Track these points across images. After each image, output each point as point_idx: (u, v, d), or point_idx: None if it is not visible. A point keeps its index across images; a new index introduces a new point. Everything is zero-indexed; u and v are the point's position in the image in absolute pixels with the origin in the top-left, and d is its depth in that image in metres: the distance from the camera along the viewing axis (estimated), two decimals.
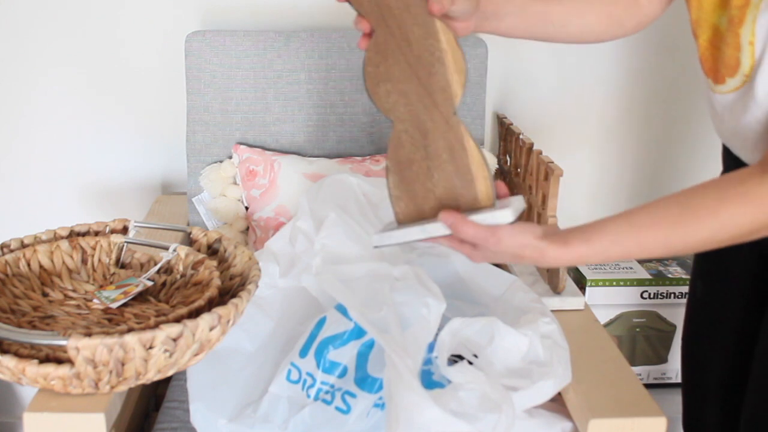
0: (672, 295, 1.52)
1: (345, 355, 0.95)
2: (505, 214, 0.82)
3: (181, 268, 1.03)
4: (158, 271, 1.04)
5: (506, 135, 1.46)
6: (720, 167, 1.03)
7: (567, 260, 0.81)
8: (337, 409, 0.93)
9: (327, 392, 0.94)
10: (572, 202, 1.64)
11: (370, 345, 0.95)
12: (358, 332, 0.95)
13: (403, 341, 0.87)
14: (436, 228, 0.84)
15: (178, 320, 0.84)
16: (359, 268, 0.98)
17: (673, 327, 1.56)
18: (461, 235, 0.82)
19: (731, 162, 0.96)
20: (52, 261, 1.03)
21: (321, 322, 0.99)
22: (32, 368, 0.80)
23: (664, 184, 1.67)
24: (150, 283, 1.01)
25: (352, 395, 0.93)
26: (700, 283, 1.10)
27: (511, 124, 1.44)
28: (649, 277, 1.51)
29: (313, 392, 0.95)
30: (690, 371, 1.14)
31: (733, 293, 1.04)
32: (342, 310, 0.98)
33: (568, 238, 0.80)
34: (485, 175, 0.87)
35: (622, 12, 1.01)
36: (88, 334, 0.80)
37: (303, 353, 0.97)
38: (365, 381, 0.94)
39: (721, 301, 1.06)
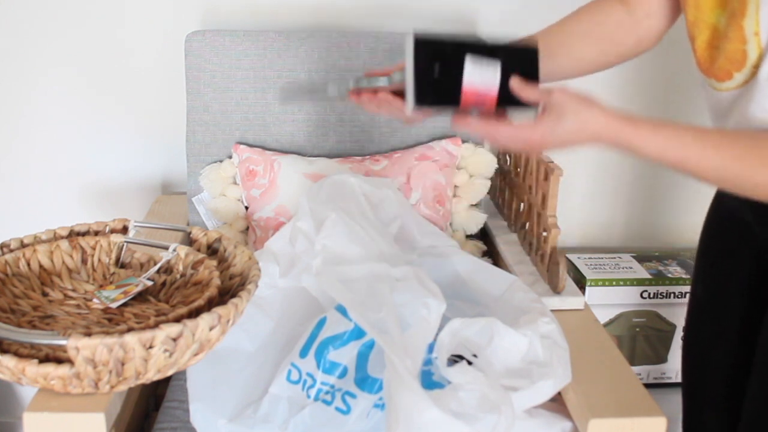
0: (672, 294, 1.52)
1: (345, 355, 0.95)
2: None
3: (181, 268, 1.03)
4: (158, 271, 1.04)
5: None
6: None
7: (627, 139, 0.81)
8: (337, 409, 0.93)
9: (327, 393, 0.94)
10: (571, 201, 1.64)
11: (371, 345, 0.95)
12: (358, 333, 0.95)
13: (402, 342, 0.87)
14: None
15: (178, 320, 0.84)
16: (359, 269, 0.98)
17: (673, 327, 1.56)
18: (527, 93, 0.83)
19: None
20: (52, 261, 1.03)
21: (321, 323, 0.99)
22: (32, 368, 0.80)
23: (663, 184, 1.67)
24: (150, 283, 1.01)
25: (352, 396, 0.93)
26: (700, 286, 1.10)
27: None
28: (649, 277, 1.51)
29: (313, 393, 0.95)
30: (691, 375, 1.14)
31: (733, 297, 1.03)
32: (342, 310, 0.98)
33: (637, 119, 0.81)
34: None
35: (614, 30, 1.00)
36: (88, 334, 0.80)
37: (303, 353, 0.97)
38: (365, 381, 0.94)
39: (722, 305, 1.05)
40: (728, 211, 1.02)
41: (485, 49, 0.86)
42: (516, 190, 1.37)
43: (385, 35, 1.39)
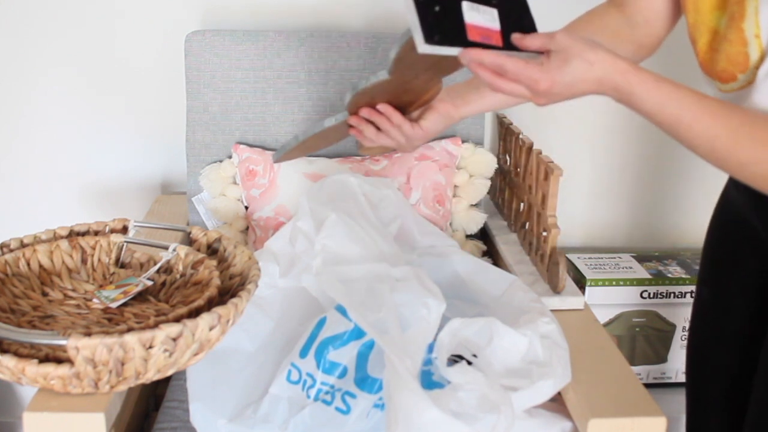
0: (672, 294, 1.52)
1: (345, 355, 0.95)
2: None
3: (180, 268, 1.03)
4: (158, 271, 1.04)
5: (506, 135, 1.46)
6: None
7: (629, 84, 0.79)
8: (337, 409, 0.93)
9: (327, 393, 0.94)
10: (571, 201, 1.64)
11: (370, 345, 0.95)
12: (358, 333, 0.95)
13: (402, 342, 0.87)
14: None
15: (177, 320, 0.84)
16: (359, 269, 0.98)
17: (673, 327, 1.56)
18: (530, 41, 0.81)
19: None
20: (52, 261, 1.03)
21: (321, 323, 0.99)
22: (32, 368, 0.80)
23: (663, 184, 1.67)
24: (150, 283, 1.01)
25: (352, 396, 0.93)
26: (705, 289, 1.10)
27: (511, 123, 1.44)
28: (649, 276, 1.51)
29: (313, 393, 0.95)
30: (695, 377, 1.14)
31: (738, 300, 1.03)
32: (342, 310, 0.98)
33: (642, 69, 0.80)
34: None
35: (612, 38, 0.98)
36: (88, 334, 0.80)
37: (303, 354, 0.97)
38: (365, 381, 0.94)
39: (727, 308, 1.05)
40: (734, 214, 1.01)
41: None
42: (516, 190, 1.37)
43: (385, 35, 1.39)
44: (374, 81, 0.91)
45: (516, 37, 0.84)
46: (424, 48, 0.80)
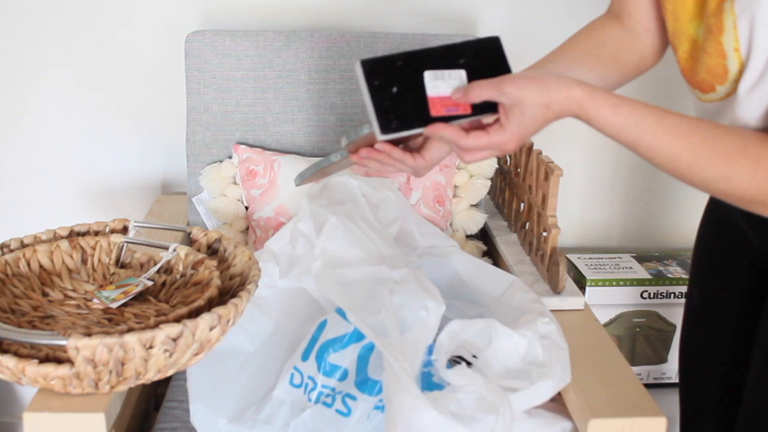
0: (672, 295, 1.52)
1: (345, 358, 0.95)
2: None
3: (181, 268, 1.03)
4: (158, 271, 1.04)
5: None
6: None
7: (586, 112, 0.78)
8: (338, 411, 0.93)
9: (328, 395, 0.94)
10: (572, 202, 1.64)
11: (371, 348, 0.95)
12: (358, 335, 0.95)
13: (401, 344, 0.87)
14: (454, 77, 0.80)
15: (178, 320, 0.84)
16: (358, 272, 0.98)
17: (673, 327, 1.56)
18: (478, 93, 0.79)
19: None
20: (52, 261, 1.03)
21: (322, 325, 0.99)
22: (32, 368, 0.80)
23: (661, 184, 1.67)
24: (150, 283, 1.01)
25: (353, 398, 0.93)
26: (696, 290, 1.10)
27: None
28: (649, 277, 1.51)
29: (314, 395, 0.95)
30: (687, 379, 1.14)
31: (729, 301, 1.03)
32: (342, 313, 0.98)
33: (598, 93, 0.79)
34: None
35: (615, 50, 0.97)
36: (88, 334, 0.80)
37: (305, 357, 0.97)
38: (366, 384, 0.94)
39: (718, 309, 1.05)
40: (723, 216, 1.01)
41: (442, 55, 0.81)
42: (516, 190, 1.37)
43: (385, 35, 1.39)
44: (361, 134, 0.85)
45: (458, 96, 0.81)
46: (382, 137, 0.78)
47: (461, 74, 0.81)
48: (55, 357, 0.83)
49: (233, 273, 1.00)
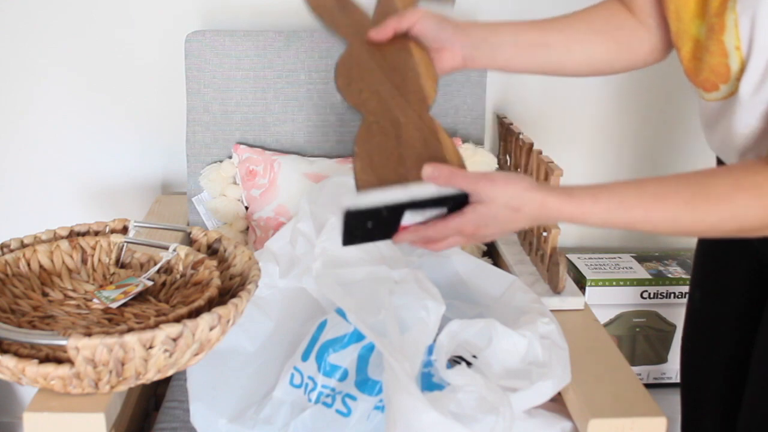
0: (672, 295, 1.52)
1: (345, 358, 0.95)
2: None
3: (181, 268, 1.03)
4: (158, 271, 1.04)
5: (506, 135, 1.46)
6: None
7: (569, 214, 0.77)
8: (338, 412, 0.93)
9: (328, 395, 0.94)
10: None
11: (371, 348, 0.95)
12: (358, 335, 0.95)
13: (401, 344, 0.87)
14: (421, 189, 0.80)
15: (178, 320, 0.84)
16: (358, 272, 0.98)
17: (673, 327, 1.56)
18: (453, 182, 0.79)
19: None
20: (52, 261, 1.03)
21: (322, 326, 0.99)
22: (32, 368, 0.80)
23: None
24: (150, 283, 1.01)
25: (353, 398, 0.93)
26: (698, 292, 1.10)
27: (511, 124, 1.44)
28: (649, 277, 1.51)
29: (314, 396, 0.95)
30: (689, 379, 1.14)
31: (730, 301, 1.03)
32: (342, 313, 0.98)
33: (573, 191, 0.77)
34: (460, 164, 0.86)
35: (629, 36, 0.96)
36: (88, 334, 0.80)
37: (305, 357, 0.97)
38: (366, 384, 0.94)
39: (719, 311, 1.05)
40: None
41: (429, 203, 0.81)
42: None
43: None
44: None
45: (429, 174, 0.81)
46: (343, 246, 0.80)
47: (443, 210, 0.82)
48: (55, 357, 0.83)
49: (233, 273, 1.00)
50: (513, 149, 1.40)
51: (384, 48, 0.92)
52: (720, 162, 0.97)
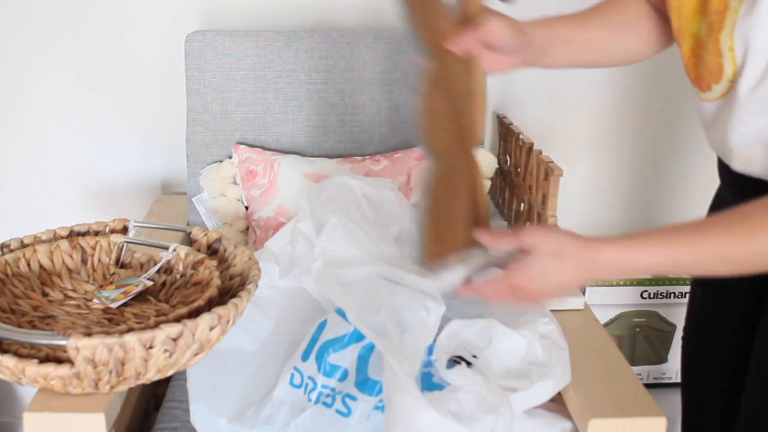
0: (672, 295, 1.53)
1: (345, 358, 0.95)
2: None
3: (181, 268, 1.03)
4: (158, 271, 1.04)
5: (506, 135, 1.46)
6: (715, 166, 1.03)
7: (614, 256, 0.78)
8: (338, 412, 0.93)
9: (328, 395, 0.94)
10: (572, 201, 1.64)
11: (371, 348, 0.95)
12: (358, 335, 0.95)
13: (401, 345, 0.87)
14: (476, 258, 0.86)
15: (178, 320, 0.84)
16: (358, 272, 0.98)
17: (673, 327, 1.56)
18: (500, 246, 0.83)
19: (725, 171, 0.95)
20: (52, 261, 1.03)
21: (322, 326, 0.98)
22: (32, 368, 0.80)
23: (660, 184, 1.67)
24: (150, 283, 1.01)
25: (353, 398, 0.93)
26: (699, 291, 1.10)
27: (511, 124, 1.44)
28: (649, 277, 1.51)
29: (314, 396, 0.95)
30: (689, 378, 1.14)
31: (730, 302, 1.03)
32: (342, 313, 0.98)
33: (613, 237, 0.79)
34: (487, 218, 0.92)
35: (655, 27, 0.99)
36: (88, 334, 0.80)
37: (305, 357, 0.97)
38: (366, 384, 0.94)
39: (719, 310, 1.05)
40: None
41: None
42: (516, 190, 1.37)
43: (385, 35, 1.39)
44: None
45: (485, 239, 0.85)
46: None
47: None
48: (55, 357, 0.83)
49: (233, 273, 1.00)
50: (513, 149, 1.40)
51: (452, 63, 0.91)
52: (720, 162, 0.97)
